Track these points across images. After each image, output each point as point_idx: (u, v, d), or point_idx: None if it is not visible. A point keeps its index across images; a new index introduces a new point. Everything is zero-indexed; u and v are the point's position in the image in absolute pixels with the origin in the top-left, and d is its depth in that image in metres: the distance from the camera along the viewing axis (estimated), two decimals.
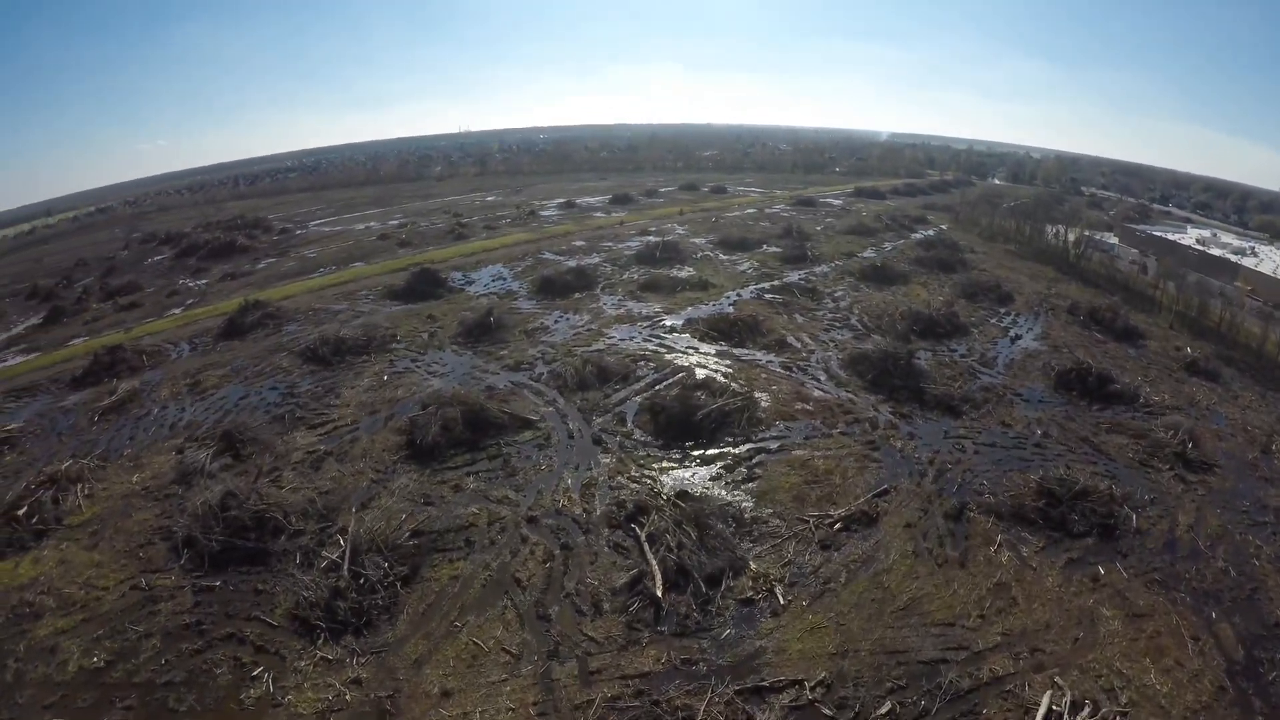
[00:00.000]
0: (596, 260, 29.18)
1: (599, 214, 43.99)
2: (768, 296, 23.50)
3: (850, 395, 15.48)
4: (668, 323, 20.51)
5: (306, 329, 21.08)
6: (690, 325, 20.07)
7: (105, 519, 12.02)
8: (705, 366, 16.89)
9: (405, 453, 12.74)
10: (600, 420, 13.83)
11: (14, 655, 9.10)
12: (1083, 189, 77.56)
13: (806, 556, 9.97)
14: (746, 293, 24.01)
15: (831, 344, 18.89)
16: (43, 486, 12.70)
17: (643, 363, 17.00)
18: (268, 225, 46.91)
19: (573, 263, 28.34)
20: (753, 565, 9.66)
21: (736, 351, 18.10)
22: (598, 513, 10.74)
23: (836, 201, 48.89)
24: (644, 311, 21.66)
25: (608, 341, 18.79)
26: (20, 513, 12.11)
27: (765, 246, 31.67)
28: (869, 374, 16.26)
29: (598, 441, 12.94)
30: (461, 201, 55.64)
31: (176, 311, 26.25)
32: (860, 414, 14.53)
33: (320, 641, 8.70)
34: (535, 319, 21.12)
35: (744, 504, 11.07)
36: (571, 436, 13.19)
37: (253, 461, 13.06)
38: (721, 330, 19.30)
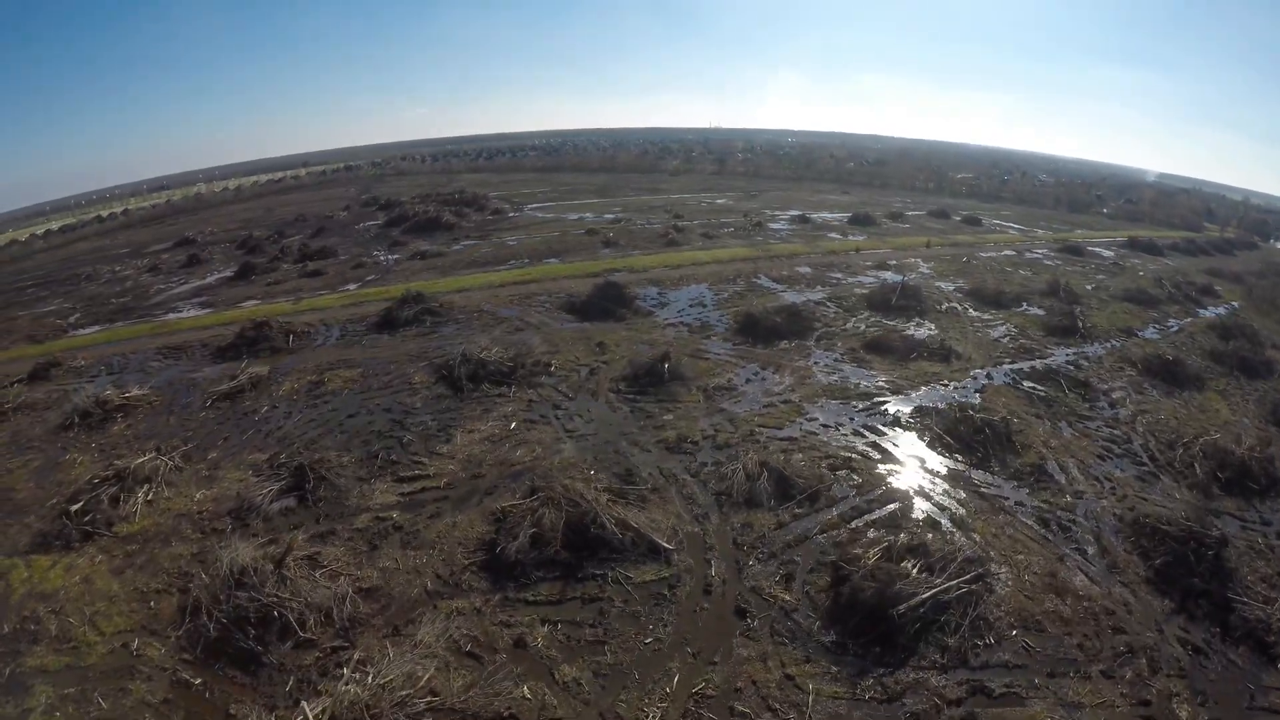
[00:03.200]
0: (819, 296, 25.77)
1: (834, 235, 40.47)
2: (1026, 385, 18.48)
3: (1127, 593, 10.59)
4: (891, 408, 16.46)
5: (460, 335, 20.37)
6: (921, 419, 15.87)
7: (148, 540, 11.49)
8: (929, 497, 12.76)
9: (482, 556, 10.51)
10: (758, 569, 10.47)
11: None
12: None
13: None
14: (999, 374, 19.11)
15: (1107, 484, 13.75)
16: (107, 482, 12.59)
17: (844, 473, 13.30)
18: (483, 204, 49.61)
19: (789, 297, 25.32)
20: None
21: (975, 476, 13.63)
22: None
23: (1107, 252, 41.63)
24: (863, 384, 17.77)
25: (804, 427, 15.29)
26: (75, 508, 12.04)
27: (1025, 306, 26.55)
28: (1158, 556, 11.27)
29: (742, 613, 9.62)
30: (688, 201, 54.84)
31: (351, 288, 27.54)
32: (1136, 636, 9.72)
33: None
34: (723, 371, 18.22)
35: None
36: (708, 591, 10.01)
37: (316, 509, 11.87)
38: (961, 438, 14.84)
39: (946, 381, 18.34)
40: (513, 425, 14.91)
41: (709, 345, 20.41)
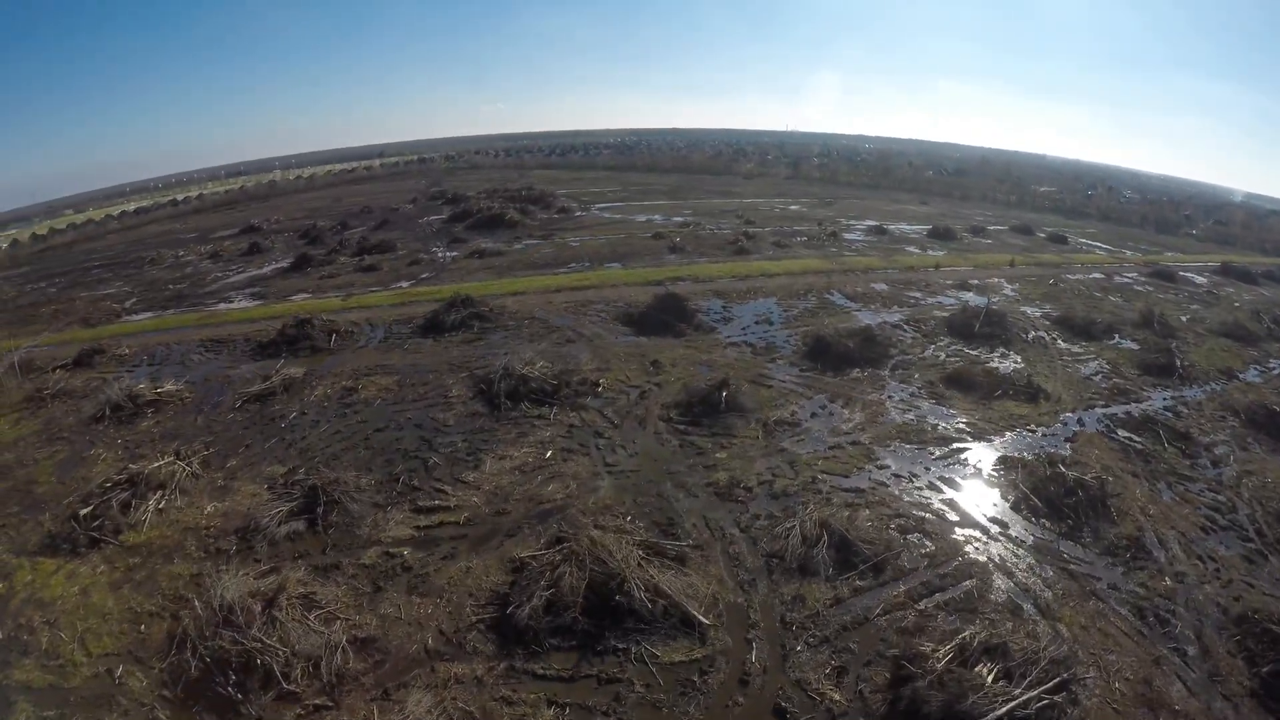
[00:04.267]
0: (895, 319, 24.30)
1: (912, 249, 38.63)
2: (1121, 435, 16.54)
3: (1229, 708, 9.02)
4: (972, 457, 14.93)
5: (507, 344, 19.74)
6: (1005, 472, 14.28)
7: (152, 553, 11.21)
8: (1011, 574, 11.27)
9: (493, 612, 9.64)
10: (805, 658, 9.26)
11: None
12: None
13: None
14: (1091, 419, 17.23)
15: (1210, 565, 11.96)
16: (120, 487, 12.32)
17: (915, 538, 11.91)
18: (549, 201, 49.36)
19: (864, 317, 24.01)
20: None
21: (1065, 549, 12.03)
22: None
23: (1199, 279, 38.40)
24: (941, 426, 16.24)
25: (874, 476, 13.92)
26: (85, 512, 11.80)
27: (1117, 338, 24.35)
28: (1265, 663, 9.67)
29: (781, 714, 8.44)
30: (760, 206, 53.56)
31: (404, 285, 27.40)
32: None
33: None
34: (786, 402, 16.95)
35: None
36: (745, 680, 8.86)
37: (325, 536, 11.27)
38: (1049, 499, 13.19)
39: (1034, 425, 16.61)
40: (548, 454, 14.05)
41: (773, 370, 19.16)
